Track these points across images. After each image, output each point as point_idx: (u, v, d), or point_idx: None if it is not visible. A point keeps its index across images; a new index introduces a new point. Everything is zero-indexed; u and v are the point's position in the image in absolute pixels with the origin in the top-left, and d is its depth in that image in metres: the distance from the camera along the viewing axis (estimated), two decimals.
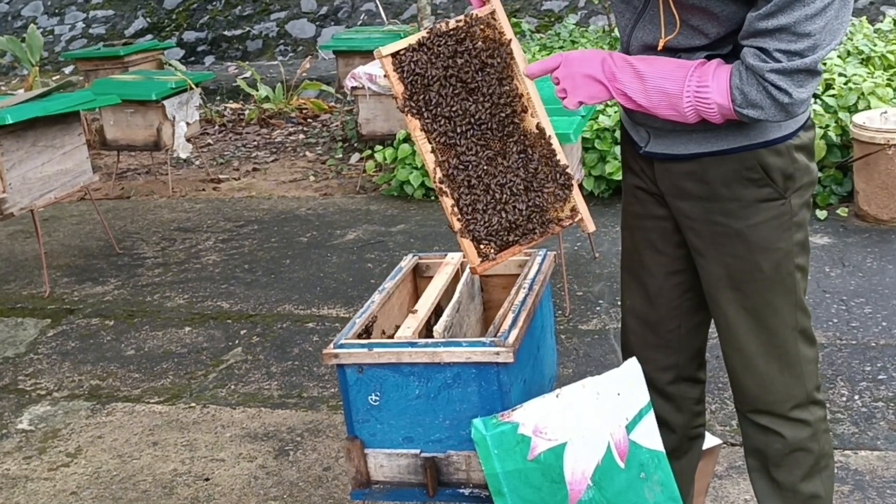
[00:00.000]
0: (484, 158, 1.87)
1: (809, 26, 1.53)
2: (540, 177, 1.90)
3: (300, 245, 5.09)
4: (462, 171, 1.86)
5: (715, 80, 1.64)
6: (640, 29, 1.77)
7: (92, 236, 5.54)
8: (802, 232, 1.83)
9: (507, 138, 1.88)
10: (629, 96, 1.72)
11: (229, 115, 8.38)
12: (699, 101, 1.65)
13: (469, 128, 1.86)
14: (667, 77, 1.67)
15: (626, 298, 2.08)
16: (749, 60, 1.59)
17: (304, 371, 3.66)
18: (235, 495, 2.89)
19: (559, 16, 9.91)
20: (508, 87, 1.87)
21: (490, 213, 1.87)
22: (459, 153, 1.86)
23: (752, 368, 1.88)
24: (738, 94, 1.62)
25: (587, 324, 3.84)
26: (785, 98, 1.59)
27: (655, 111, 1.71)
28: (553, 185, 1.90)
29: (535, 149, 1.90)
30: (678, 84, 1.66)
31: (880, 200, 4.56)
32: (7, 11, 11.90)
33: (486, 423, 1.86)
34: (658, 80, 1.68)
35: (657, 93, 1.68)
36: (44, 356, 3.99)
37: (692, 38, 1.70)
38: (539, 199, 1.89)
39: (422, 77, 1.83)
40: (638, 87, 1.70)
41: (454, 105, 1.85)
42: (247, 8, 11.13)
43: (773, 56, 1.56)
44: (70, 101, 4.68)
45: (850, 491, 2.65)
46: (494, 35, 1.87)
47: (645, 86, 1.69)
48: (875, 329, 3.58)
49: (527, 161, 1.89)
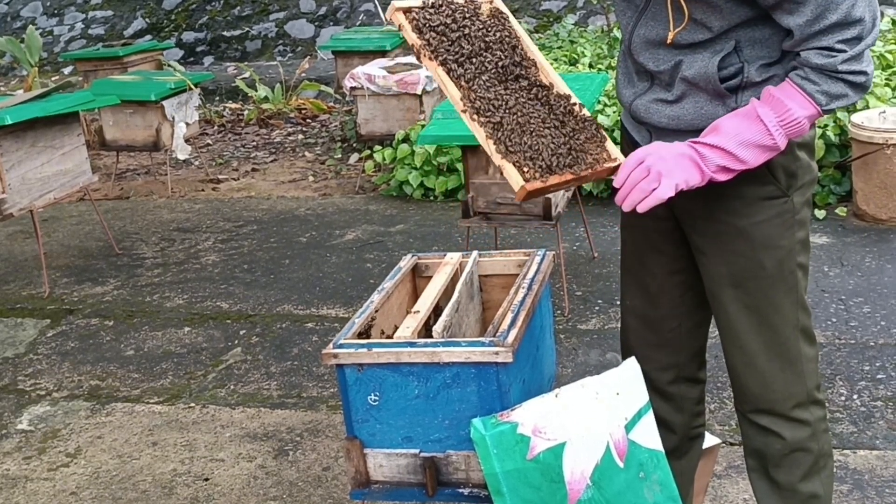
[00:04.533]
0: (512, 97, 1.82)
1: (857, 11, 1.58)
2: (570, 125, 1.84)
3: (299, 245, 5.09)
4: (490, 101, 1.79)
5: (790, 101, 1.64)
6: (643, 26, 1.78)
7: (91, 237, 5.54)
8: (804, 230, 1.84)
9: (530, 88, 1.85)
10: (725, 167, 1.67)
11: (228, 116, 8.38)
12: (789, 127, 1.65)
13: (493, 68, 1.83)
14: (741, 132, 1.66)
15: (626, 298, 2.09)
16: (816, 62, 1.61)
17: (303, 371, 3.66)
18: (235, 495, 2.89)
19: (558, 16, 9.92)
20: (522, 51, 1.88)
21: (527, 138, 1.78)
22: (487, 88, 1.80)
23: (754, 367, 1.88)
24: (821, 97, 1.63)
25: (586, 324, 3.84)
26: (862, 78, 1.62)
27: (752, 164, 1.68)
28: (584, 135, 1.84)
29: (559, 106, 1.85)
30: (757, 129, 1.65)
31: (879, 200, 4.56)
32: (6, 12, 11.90)
33: (486, 422, 1.86)
34: (736, 139, 1.66)
35: (745, 149, 1.66)
36: (43, 356, 3.99)
37: (696, 32, 1.70)
38: (574, 143, 1.82)
39: (437, 29, 1.82)
40: (724, 157, 1.67)
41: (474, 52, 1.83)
42: (246, 8, 11.13)
43: (837, 49, 1.59)
44: (69, 102, 4.68)
45: (849, 490, 2.65)
46: (499, 16, 1.90)
47: (733, 154, 1.66)
48: (874, 328, 3.58)
49: (551, 110, 1.84)
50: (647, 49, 1.78)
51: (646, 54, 1.79)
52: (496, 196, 3.79)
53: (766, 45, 1.70)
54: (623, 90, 1.89)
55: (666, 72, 1.76)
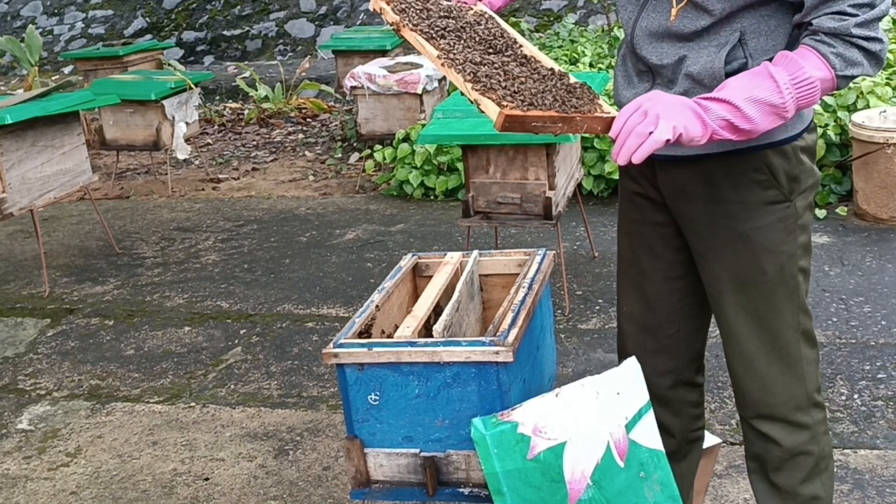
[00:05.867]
0: (498, 59, 1.78)
1: None
2: (558, 84, 1.75)
3: (299, 245, 5.09)
4: (470, 59, 1.73)
5: (804, 61, 1.60)
6: (645, 18, 1.77)
7: (91, 236, 5.54)
8: (806, 234, 1.83)
9: (515, 59, 1.81)
10: (730, 121, 1.59)
11: (228, 115, 8.38)
12: (801, 88, 1.59)
13: (474, 42, 1.79)
14: (750, 88, 1.60)
15: (623, 304, 2.07)
16: (829, 25, 1.59)
17: (303, 371, 3.66)
18: (235, 495, 2.89)
19: (558, 15, 9.91)
20: (507, 35, 1.87)
21: (510, 83, 1.70)
22: (468, 52, 1.75)
23: (754, 370, 1.87)
24: (835, 59, 1.59)
25: (587, 323, 3.84)
26: (877, 45, 1.60)
27: (758, 126, 1.60)
28: (574, 94, 1.73)
29: (547, 74, 1.78)
30: (768, 86, 1.59)
31: (879, 199, 4.56)
32: (6, 11, 11.90)
33: (486, 422, 1.86)
34: (745, 94, 1.60)
35: (752, 105, 1.59)
36: (43, 356, 3.99)
37: (698, 18, 1.69)
38: (560, 94, 1.71)
39: (417, 7, 1.84)
40: (729, 110, 1.60)
41: (456, 28, 1.82)
42: (246, 8, 11.13)
43: (850, 13, 1.58)
44: (69, 101, 4.68)
45: (850, 490, 2.65)
46: (484, 14, 1.91)
47: (740, 109, 1.59)
48: (874, 328, 3.58)
49: (538, 73, 1.77)
50: (651, 42, 1.76)
51: (649, 48, 1.77)
52: (497, 195, 3.79)
53: (771, 37, 1.69)
54: (623, 92, 1.87)
55: (669, 66, 1.75)
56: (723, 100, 1.60)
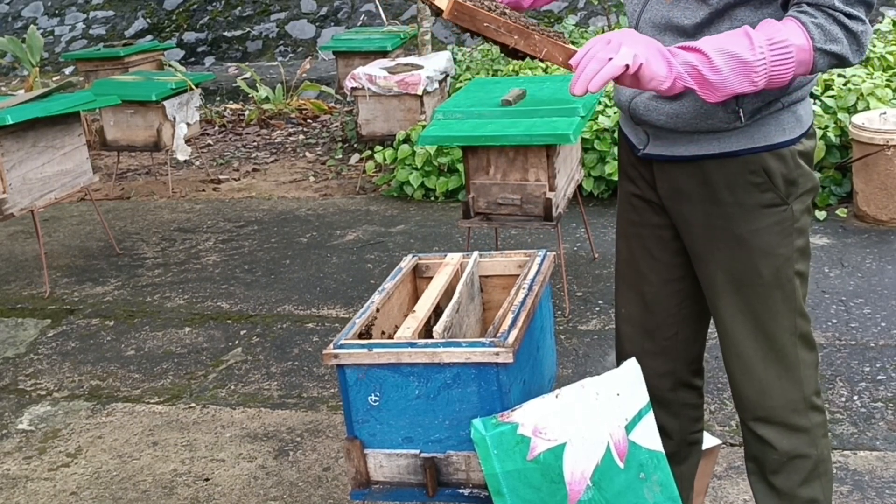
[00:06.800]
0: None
1: None
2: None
3: (300, 245, 5.09)
4: None
5: (784, 27, 1.57)
6: (649, 10, 1.78)
7: (92, 237, 5.54)
8: (803, 238, 1.82)
9: None
10: (696, 68, 1.56)
11: (229, 116, 8.38)
12: (775, 50, 1.56)
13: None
14: (723, 41, 1.57)
15: (622, 307, 2.08)
16: None
17: (303, 371, 3.67)
18: (235, 495, 2.89)
19: (559, 16, 9.92)
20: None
21: None
22: None
23: (751, 374, 1.87)
24: (816, 31, 1.57)
25: (586, 324, 3.84)
26: (859, 25, 1.58)
27: (726, 80, 1.56)
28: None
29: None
30: (741, 42, 1.57)
31: (879, 201, 4.56)
32: (7, 12, 11.90)
33: (486, 423, 1.86)
34: (717, 45, 1.57)
35: (722, 56, 1.55)
36: (44, 356, 3.99)
37: (696, 9, 1.69)
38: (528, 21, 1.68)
39: None
40: (697, 56, 1.57)
41: None
42: (247, 9, 11.13)
43: None
44: (70, 102, 4.69)
45: (850, 491, 2.65)
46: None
47: (709, 57, 1.56)
48: (874, 329, 3.58)
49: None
50: (654, 36, 1.75)
51: None
52: (497, 197, 3.79)
53: None
54: (622, 90, 1.88)
55: None
56: (693, 47, 1.58)
